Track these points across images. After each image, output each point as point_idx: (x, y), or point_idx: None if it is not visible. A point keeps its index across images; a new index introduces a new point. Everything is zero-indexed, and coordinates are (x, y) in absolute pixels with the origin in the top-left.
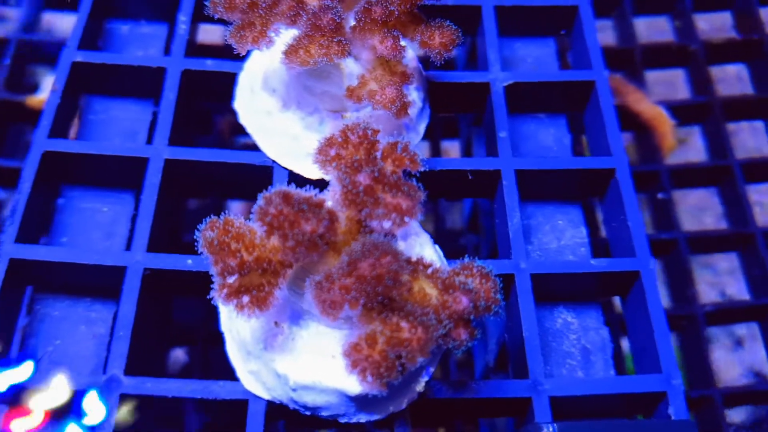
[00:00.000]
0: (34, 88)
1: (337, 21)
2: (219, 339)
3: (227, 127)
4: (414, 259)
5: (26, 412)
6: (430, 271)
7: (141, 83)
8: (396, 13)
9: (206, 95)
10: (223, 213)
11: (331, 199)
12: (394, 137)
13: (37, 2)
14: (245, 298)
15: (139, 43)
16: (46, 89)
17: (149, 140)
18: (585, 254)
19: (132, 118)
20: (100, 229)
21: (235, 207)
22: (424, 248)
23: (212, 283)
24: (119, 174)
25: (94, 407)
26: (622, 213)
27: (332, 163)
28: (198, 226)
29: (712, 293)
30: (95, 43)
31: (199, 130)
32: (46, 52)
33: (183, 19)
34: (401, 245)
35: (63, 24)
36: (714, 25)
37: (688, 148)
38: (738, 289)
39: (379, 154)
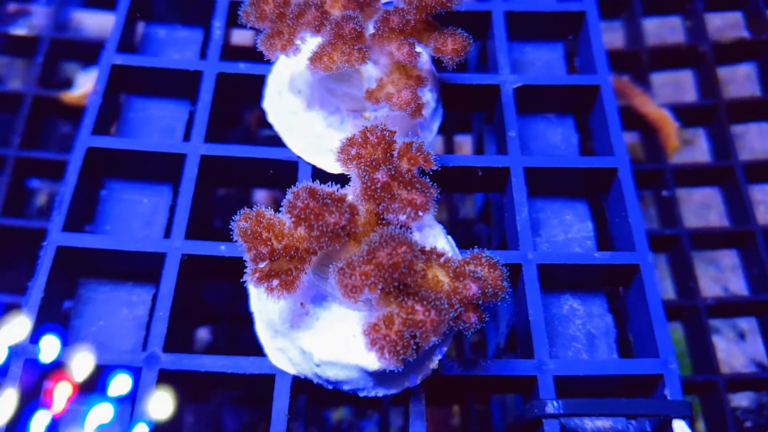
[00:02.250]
0: (67, 84)
1: (358, 30)
2: (244, 319)
3: (255, 120)
4: (428, 248)
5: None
6: (442, 260)
7: (178, 84)
8: (412, 22)
9: (238, 95)
10: (253, 206)
11: (352, 193)
12: (410, 136)
13: (67, 0)
14: (275, 282)
15: (176, 47)
16: (81, 85)
17: (186, 137)
18: (591, 247)
19: (169, 116)
20: (140, 218)
21: (260, 195)
22: (437, 239)
23: (243, 267)
24: (158, 168)
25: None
26: (623, 209)
27: (353, 161)
28: (233, 217)
29: (715, 288)
30: (133, 45)
31: (229, 123)
32: (78, 49)
33: (218, 25)
34: (416, 236)
35: (92, 21)
36: (727, 23)
37: (694, 148)
38: (740, 286)
39: (395, 153)
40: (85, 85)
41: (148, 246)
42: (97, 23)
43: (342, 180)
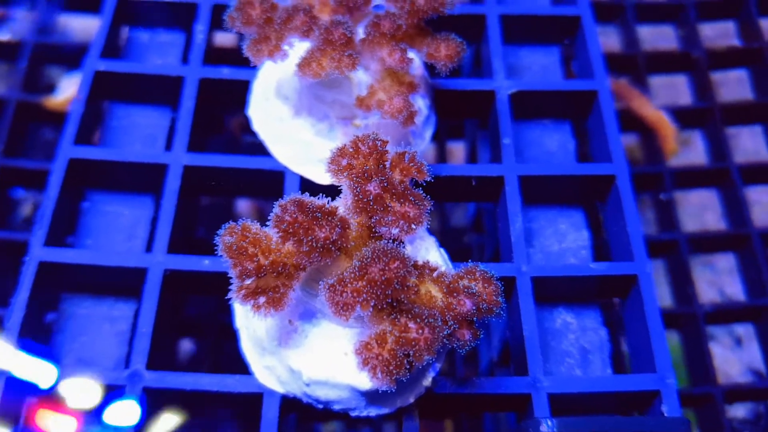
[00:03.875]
0: (50, 89)
1: (348, 35)
2: (229, 331)
3: (238, 126)
4: (420, 262)
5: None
6: (435, 274)
7: (160, 91)
8: (404, 27)
9: (222, 101)
10: (240, 220)
11: (342, 206)
12: (402, 144)
13: (52, 4)
14: (261, 299)
15: (159, 51)
16: (64, 90)
17: (168, 144)
18: (586, 257)
19: (152, 124)
20: (123, 231)
21: (242, 205)
22: (429, 251)
23: (228, 282)
24: (140, 179)
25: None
26: (621, 218)
27: (344, 172)
28: (217, 232)
29: (711, 292)
30: (117, 50)
31: (212, 129)
32: (62, 53)
33: (200, 29)
34: (408, 249)
35: (78, 25)
36: (718, 33)
37: (690, 149)
38: (736, 289)
39: (387, 164)
40: (68, 89)
41: (129, 261)
42: (83, 26)
43: (331, 191)
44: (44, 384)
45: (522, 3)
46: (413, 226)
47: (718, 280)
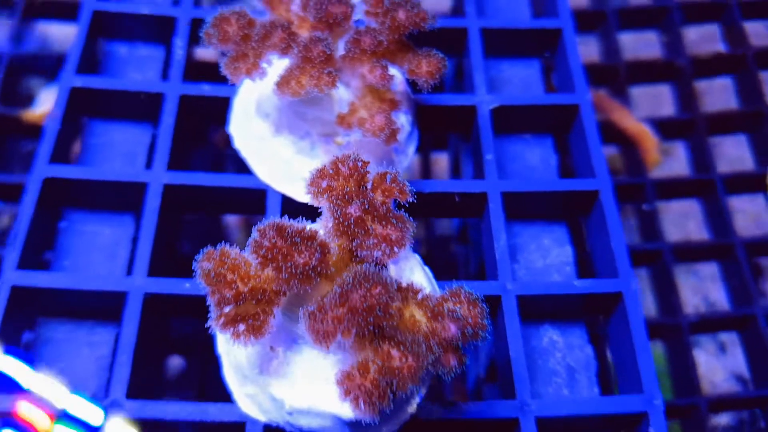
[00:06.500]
0: (29, 100)
1: (327, 53)
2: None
3: (222, 139)
4: (404, 284)
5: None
6: (419, 297)
7: (140, 107)
8: (385, 43)
9: (203, 117)
10: (218, 245)
11: (323, 228)
12: (384, 162)
13: (29, 13)
14: (241, 327)
15: (138, 66)
16: (42, 102)
17: (149, 162)
18: (570, 273)
19: (132, 141)
20: (102, 251)
21: (230, 217)
22: (414, 271)
23: (209, 306)
24: (119, 198)
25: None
26: (605, 233)
27: (324, 194)
28: (195, 257)
29: (694, 298)
30: (94, 65)
31: (196, 142)
32: (40, 64)
33: (179, 44)
34: (391, 269)
35: (57, 33)
36: (703, 36)
37: (672, 159)
38: (720, 295)
39: (369, 184)
40: (47, 102)
41: (108, 285)
42: (63, 34)
43: (313, 208)
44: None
45: (503, 16)
46: (396, 249)
47: (702, 286)
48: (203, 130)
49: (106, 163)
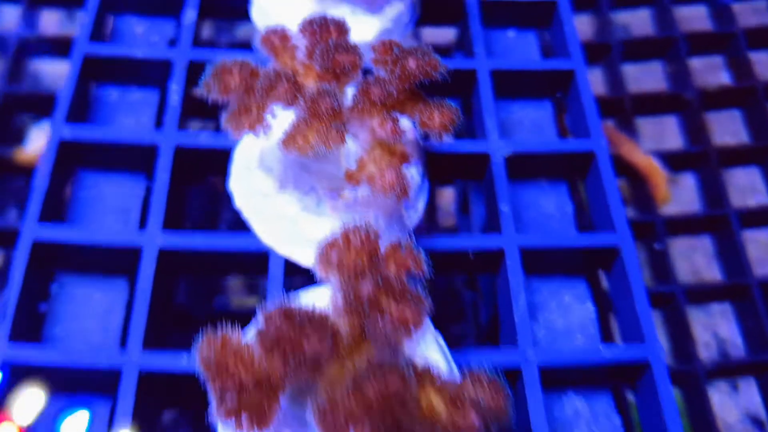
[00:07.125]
0: (20, 136)
1: (335, 108)
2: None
3: (220, 180)
4: (420, 368)
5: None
6: (438, 382)
7: (133, 158)
8: (395, 94)
9: (200, 167)
10: (218, 332)
11: (332, 304)
12: (393, 218)
13: (21, 50)
14: (244, 417)
15: (130, 111)
16: (33, 141)
17: (143, 217)
18: (593, 333)
19: (124, 194)
20: (95, 317)
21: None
22: (429, 347)
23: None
24: (112, 261)
25: None
26: (629, 293)
27: (334, 269)
28: (193, 343)
29: (705, 335)
30: (84, 111)
31: (193, 181)
32: (32, 102)
33: (175, 88)
34: (405, 344)
35: (49, 71)
36: (707, 66)
37: (680, 189)
38: (731, 332)
39: (382, 252)
40: (37, 140)
41: (101, 360)
42: (55, 71)
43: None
44: None
45: (513, 57)
46: (411, 330)
47: (712, 322)
48: (201, 176)
49: (97, 219)
